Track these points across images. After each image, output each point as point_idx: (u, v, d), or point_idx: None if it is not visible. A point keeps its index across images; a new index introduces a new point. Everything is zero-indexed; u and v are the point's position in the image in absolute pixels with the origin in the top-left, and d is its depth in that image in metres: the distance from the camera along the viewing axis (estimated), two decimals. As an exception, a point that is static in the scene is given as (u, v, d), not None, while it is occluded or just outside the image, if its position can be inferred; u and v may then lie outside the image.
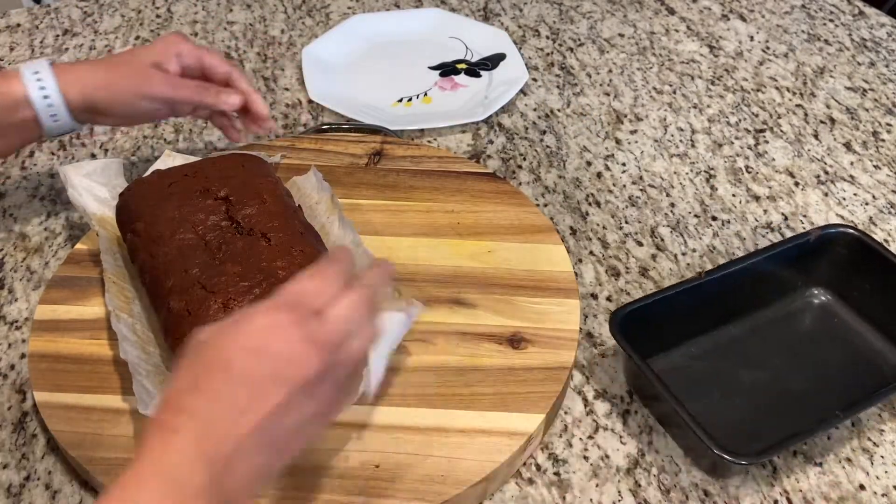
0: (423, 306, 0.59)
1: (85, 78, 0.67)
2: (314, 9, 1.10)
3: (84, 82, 0.67)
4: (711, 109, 0.94)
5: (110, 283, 0.63)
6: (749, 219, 0.80)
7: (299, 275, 0.46)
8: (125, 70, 0.68)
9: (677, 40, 1.05)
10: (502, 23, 1.08)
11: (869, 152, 0.88)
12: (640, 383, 0.64)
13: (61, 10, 1.08)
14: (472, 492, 0.55)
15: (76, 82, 0.67)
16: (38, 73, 0.65)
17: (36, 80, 0.65)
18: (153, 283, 0.60)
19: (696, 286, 0.65)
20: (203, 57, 0.72)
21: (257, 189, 0.65)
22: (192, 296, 0.57)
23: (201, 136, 0.88)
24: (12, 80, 0.66)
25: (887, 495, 0.58)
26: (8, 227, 0.77)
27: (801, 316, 0.69)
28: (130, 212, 0.65)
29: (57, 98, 0.66)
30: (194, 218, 0.62)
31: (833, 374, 0.65)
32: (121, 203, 0.67)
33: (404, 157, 0.80)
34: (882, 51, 1.04)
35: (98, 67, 0.69)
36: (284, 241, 0.61)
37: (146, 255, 0.61)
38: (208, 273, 0.59)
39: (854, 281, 0.69)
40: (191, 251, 0.60)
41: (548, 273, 0.68)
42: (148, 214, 0.63)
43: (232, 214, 0.63)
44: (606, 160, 0.86)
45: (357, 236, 0.67)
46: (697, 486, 0.58)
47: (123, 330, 0.59)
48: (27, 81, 0.65)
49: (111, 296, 0.62)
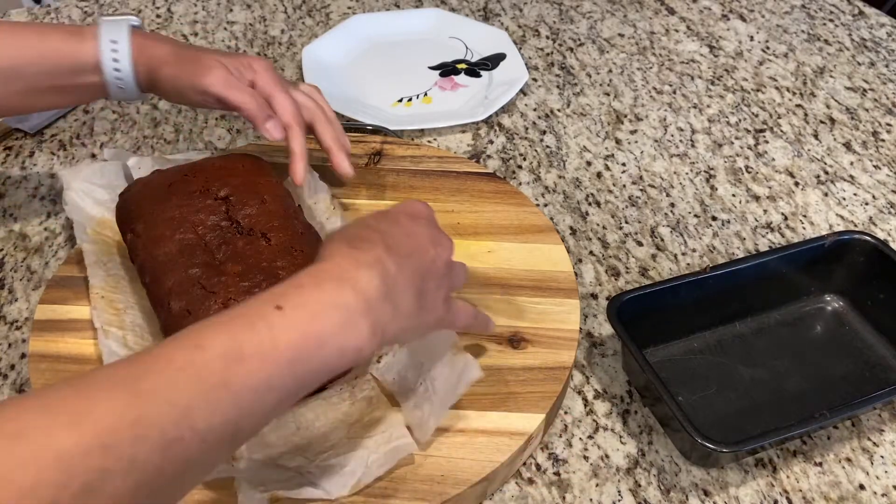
0: (479, 370, 0.56)
1: (156, 56, 0.65)
2: (314, 9, 1.10)
3: (154, 61, 0.65)
4: (711, 109, 0.94)
5: (97, 299, 0.63)
6: (749, 219, 0.80)
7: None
8: (192, 57, 0.65)
9: (677, 40, 1.05)
10: (502, 23, 1.08)
11: (869, 152, 0.88)
12: (631, 369, 0.64)
13: (61, 10, 1.08)
14: (472, 492, 0.55)
15: (148, 59, 0.65)
16: (116, 44, 0.63)
17: (111, 51, 0.63)
18: (153, 283, 0.60)
19: (700, 281, 0.65)
20: (273, 92, 0.66)
21: (257, 189, 0.65)
22: (192, 296, 0.57)
23: (201, 135, 0.88)
24: (87, 42, 0.64)
25: (887, 495, 0.58)
26: (8, 227, 0.77)
27: (812, 320, 0.69)
28: (130, 212, 0.65)
29: (127, 72, 0.64)
30: (194, 218, 0.62)
31: (836, 380, 0.64)
32: (121, 203, 0.67)
33: (404, 157, 0.80)
34: (882, 51, 1.04)
35: (171, 49, 0.66)
36: (284, 241, 0.61)
37: (146, 255, 0.61)
38: (208, 273, 0.59)
39: (868, 289, 0.68)
40: (191, 251, 0.60)
41: (548, 273, 0.68)
42: (148, 214, 0.63)
43: (232, 214, 0.63)
44: (606, 160, 0.86)
45: None
46: (697, 485, 0.58)
47: (112, 346, 0.59)
48: (102, 49, 0.63)
49: (98, 312, 0.62)
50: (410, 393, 0.57)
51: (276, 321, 0.41)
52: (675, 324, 0.66)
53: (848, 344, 0.67)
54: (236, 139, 0.87)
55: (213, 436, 0.38)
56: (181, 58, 0.65)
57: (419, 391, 0.56)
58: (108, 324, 0.61)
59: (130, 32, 0.64)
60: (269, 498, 0.52)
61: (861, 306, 0.68)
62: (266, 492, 0.52)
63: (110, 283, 0.65)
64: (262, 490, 0.52)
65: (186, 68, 0.64)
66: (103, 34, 0.63)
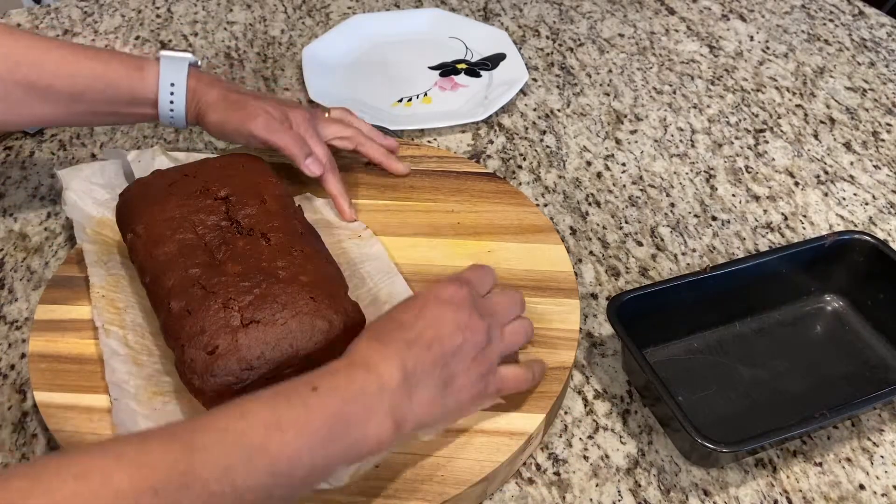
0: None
1: (206, 102, 0.70)
2: (314, 9, 1.10)
3: (203, 105, 0.70)
4: (711, 109, 0.94)
5: (98, 298, 0.63)
6: (749, 219, 0.80)
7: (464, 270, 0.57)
8: (238, 103, 0.70)
9: (677, 40, 1.05)
10: (502, 23, 1.08)
11: (869, 152, 0.88)
12: (631, 369, 0.64)
13: (61, 10, 1.08)
14: (472, 492, 0.55)
15: (198, 103, 0.70)
16: (174, 87, 0.69)
17: (169, 93, 0.69)
18: (153, 283, 0.60)
19: (700, 281, 0.65)
20: (308, 138, 0.72)
21: (257, 189, 0.65)
22: (192, 296, 0.57)
23: (201, 135, 0.88)
24: (148, 79, 0.69)
25: (887, 495, 0.58)
26: (8, 227, 0.77)
27: (812, 321, 0.69)
28: (130, 212, 0.65)
29: (180, 112, 0.70)
30: (194, 218, 0.62)
31: (836, 380, 0.64)
32: (121, 203, 0.67)
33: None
34: (882, 51, 1.04)
35: (220, 94, 0.70)
36: (284, 241, 0.61)
37: (146, 255, 0.61)
38: (208, 273, 0.59)
39: (869, 289, 0.68)
40: (191, 251, 0.60)
41: (548, 273, 0.68)
42: (148, 214, 0.63)
43: (232, 214, 0.63)
44: (606, 160, 0.86)
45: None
46: (697, 485, 0.58)
47: (112, 345, 0.59)
48: (161, 89, 0.69)
49: (99, 311, 0.62)
50: None
51: (312, 401, 0.45)
52: (675, 324, 0.66)
53: (848, 344, 0.67)
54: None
55: (249, 496, 0.42)
56: (229, 103, 0.70)
57: None
58: (110, 323, 0.61)
59: (188, 75, 0.69)
60: None
61: (861, 306, 0.68)
62: None
63: (111, 283, 0.65)
64: None
65: (233, 115, 0.69)
66: (163, 74, 0.69)
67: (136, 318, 0.63)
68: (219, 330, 0.54)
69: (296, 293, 0.56)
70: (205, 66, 0.98)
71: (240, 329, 0.54)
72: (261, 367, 0.54)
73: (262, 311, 0.55)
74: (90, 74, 0.67)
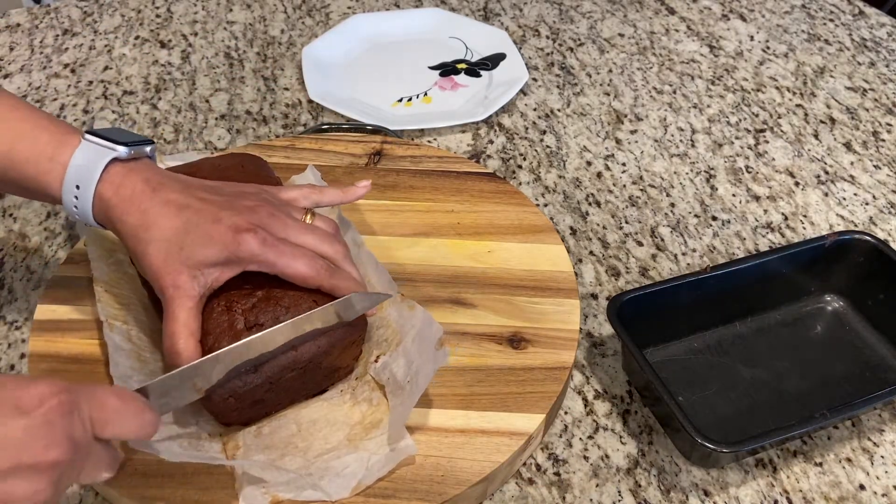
0: (447, 351, 0.55)
1: (120, 217, 0.55)
2: (314, 9, 1.10)
3: (116, 222, 0.55)
4: (711, 109, 0.94)
5: (101, 293, 0.63)
6: (749, 219, 0.80)
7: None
8: (187, 229, 0.54)
9: (677, 40, 1.05)
10: (502, 23, 1.08)
11: (869, 152, 0.88)
12: (631, 369, 0.64)
13: (61, 10, 1.08)
14: (472, 492, 0.55)
15: (108, 215, 0.55)
16: (77, 191, 0.54)
17: (74, 198, 0.54)
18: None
19: (700, 281, 0.65)
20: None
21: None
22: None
23: (201, 135, 0.88)
24: (55, 170, 0.54)
25: (887, 495, 0.58)
26: (8, 227, 0.77)
27: (812, 321, 0.69)
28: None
29: (86, 214, 0.56)
30: (194, 218, 0.62)
31: (837, 380, 0.64)
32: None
33: (404, 157, 0.80)
34: (882, 51, 1.04)
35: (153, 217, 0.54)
36: (284, 241, 0.61)
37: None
38: (208, 273, 0.58)
39: (869, 290, 0.68)
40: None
41: (548, 273, 0.68)
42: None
43: (232, 214, 0.63)
44: (606, 160, 0.86)
45: (358, 236, 0.67)
46: (697, 486, 0.58)
47: (116, 339, 0.59)
48: (66, 192, 0.54)
49: (103, 305, 0.61)
50: (399, 391, 0.57)
51: None
52: (676, 324, 0.66)
53: (848, 344, 0.67)
54: (236, 139, 0.87)
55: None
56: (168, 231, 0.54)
57: (406, 389, 0.56)
58: (114, 318, 0.61)
59: (99, 177, 0.54)
60: (270, 500, 0.52)
61: (861, 306, 0.68)
62: (267, 493, 0.52)
63: (114, 279, 0.65)
64: (263, 492, 0.52)
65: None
66: (71, 171, 0.54)
67: (139, 315, 0.63)
68: (222, 333, 0.54)
69: (298, 296, 0.56)
70: (205, 66, 0.98)
71: (243, 332, 0.54)
72: (265, 370, 0.54)
73: (265, 315, 0.55)
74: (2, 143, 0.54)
